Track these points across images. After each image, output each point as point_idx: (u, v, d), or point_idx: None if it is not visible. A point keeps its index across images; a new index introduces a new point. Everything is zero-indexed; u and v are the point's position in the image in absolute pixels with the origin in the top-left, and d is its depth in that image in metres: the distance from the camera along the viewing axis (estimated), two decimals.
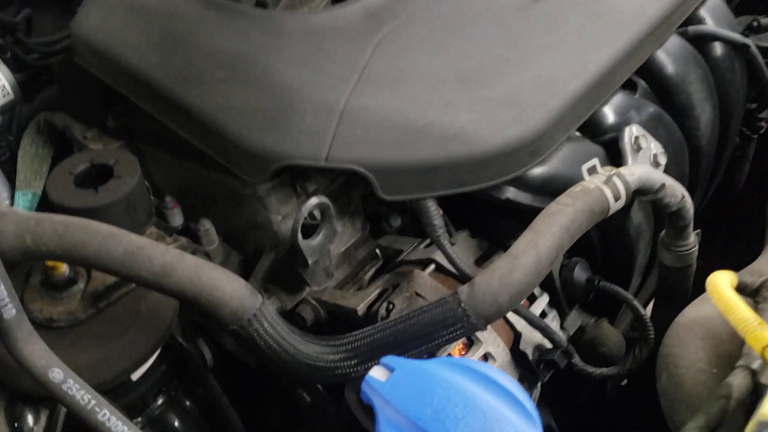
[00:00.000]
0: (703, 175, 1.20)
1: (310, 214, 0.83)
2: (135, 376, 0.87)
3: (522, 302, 0.86)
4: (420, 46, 0.90)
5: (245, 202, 0.91)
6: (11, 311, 0.70)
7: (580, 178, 0.94)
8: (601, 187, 0.86)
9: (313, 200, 0.82)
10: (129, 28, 0.92)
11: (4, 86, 1.20)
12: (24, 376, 0.69)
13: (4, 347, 0.69)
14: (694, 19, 1.18)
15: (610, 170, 0.89)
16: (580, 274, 1.01)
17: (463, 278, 0.90)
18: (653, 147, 1.02)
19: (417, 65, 0.88)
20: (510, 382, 0.62)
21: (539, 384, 0.99)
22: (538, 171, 0.94)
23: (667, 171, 1.05)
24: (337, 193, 0.94)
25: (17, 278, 0.86)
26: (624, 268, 1.07)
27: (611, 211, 0.87)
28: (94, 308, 0.85)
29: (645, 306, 1.22)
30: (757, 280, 0.77)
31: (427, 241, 1.05)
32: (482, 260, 1.02)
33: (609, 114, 1.03)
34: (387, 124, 0.83)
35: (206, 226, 0.96)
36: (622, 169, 0.90)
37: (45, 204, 0.99)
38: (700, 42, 1.18)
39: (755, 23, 1.27)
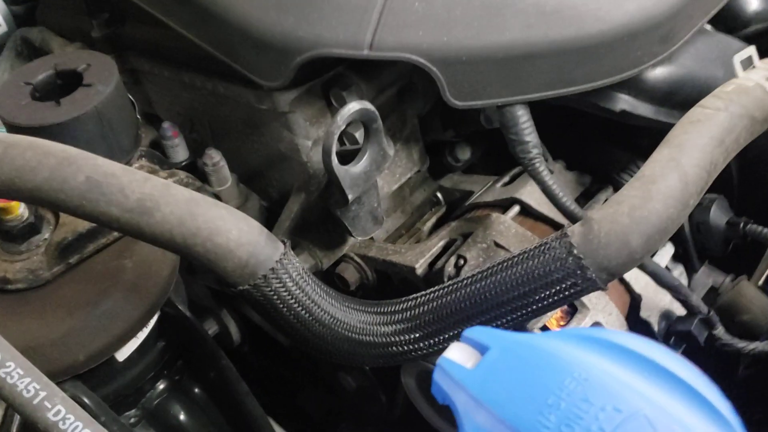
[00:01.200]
0: None
1: (346, 133, 0.59)
2: (121, 355, 0.65)
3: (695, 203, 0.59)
4: None
5: (264, 123, 0.67)
6: None
7: (721, 81, 0.68)
8: (762, 84, 0.60)
9: (354, 105, 0.57)
10: None
11: None
12: None
13: None
14: None
15: None
16: (718, 216, 0.75)
17: (567, 219, 0.65)
18: None
19: None
20: (689, 370, 0.36)
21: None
22: (662, 72, 0.68)
23: None
24: (387, 108, 0.69)
25: None
26: None
27: None
28: (63, 264, 0.63)
29: None
30: None
31: (506, 178, 0.80)
32: (583, 199, 0.76)
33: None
34: None
35: (215, 158, 0.72)
36: None
37: None
38: None
39: None
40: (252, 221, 0.54)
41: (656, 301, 0.70)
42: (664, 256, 0.75)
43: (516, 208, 0.73)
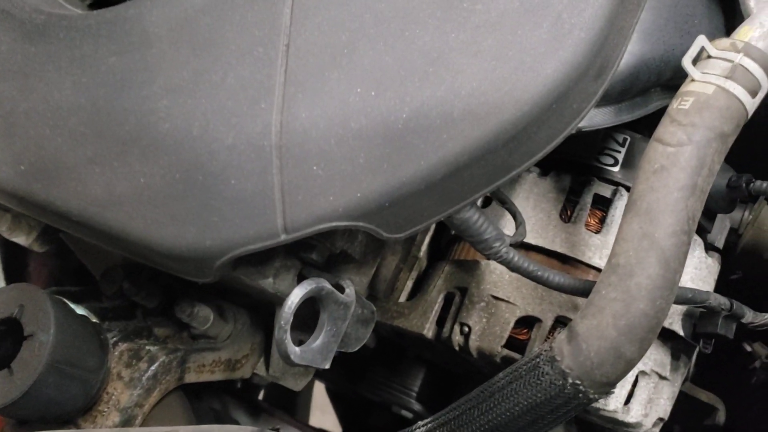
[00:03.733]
0: None
1: (303, 305, 0.55)
2: None
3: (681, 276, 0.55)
4: None
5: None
6: None
7: (680, 49, 0.59)
8: (724, 86, 0.53)
9: (293, 299, 0.53)
10: None
11: None
12: None
13: None
14: None
15: (731, 47, 0.54)
16: (718, 177, 0.67)
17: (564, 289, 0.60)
18: None
19: (369, 3, 0.53)
20: None
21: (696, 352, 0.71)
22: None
23: None
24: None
25: None
26: None
27: (751, 114, 0.54)
28: None
29: None
30: None
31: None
32: (570, 205, 0.71)
33: None
34: (352, 138, 0.50)
35: (187, 309, 0.69)
36: (746, 33, 0.55)
37: None
38: None
39: None
40: None
41: (675, 305, 0.66)
42: None
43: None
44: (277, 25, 0.54)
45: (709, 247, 0.72)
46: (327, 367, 0.58)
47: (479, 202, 0.70)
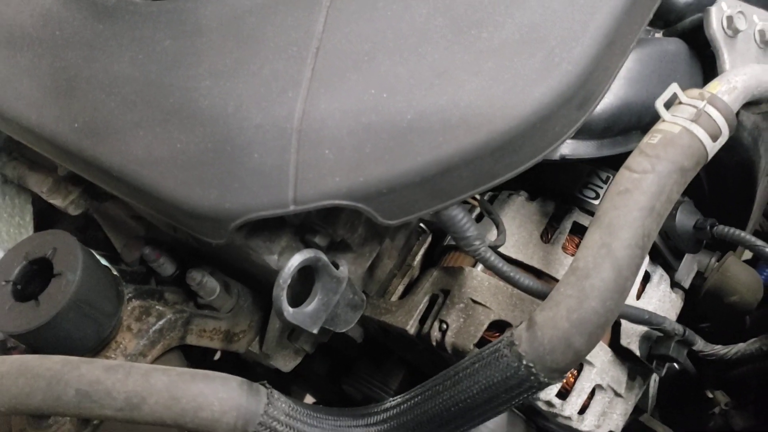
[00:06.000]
0: None
1: (300, 272, 0.62)
2: None
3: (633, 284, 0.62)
4: None
5: (228, 249, 0.71)
6: None
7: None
8: (689, 128, 0.61)
9: (294, 261, 0.60)
10: (16, 72, 0.69)
11: None
12: None
13: None
14: None
15: (698, 96, 0.62)
16: (685, 219, 0.75)
17: (524, 292, 0.67)
18: (756, 20, 0.72)
19: (390, 23, 0.62)
20: None
21: (655, 377, 0.78)
22: (597, 109, 0.67)
23: None
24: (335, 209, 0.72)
25: None
26: (742, 188, 0.80)
27: (711, 155, 0.62)
28: (89, 427, 0.70)
29: None
30: None
31: (479, 209, 0.83)
32: (551, 229, 0.78)
33: None
34: (362, 131, 0.59)
35: (197, 278, 0.77)
36: (716, 87, 0.63)
37: None
38: None
39: None
40: (231, 383, 0.60)
41: (635, 327, 0.73)
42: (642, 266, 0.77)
43: None
44: (311, 31, 0.63)
45: (675, 284, 0.79)
46: (314, 331, 0.65)
47: (474, 213, 0.78)
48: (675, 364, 0.90)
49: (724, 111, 0.61)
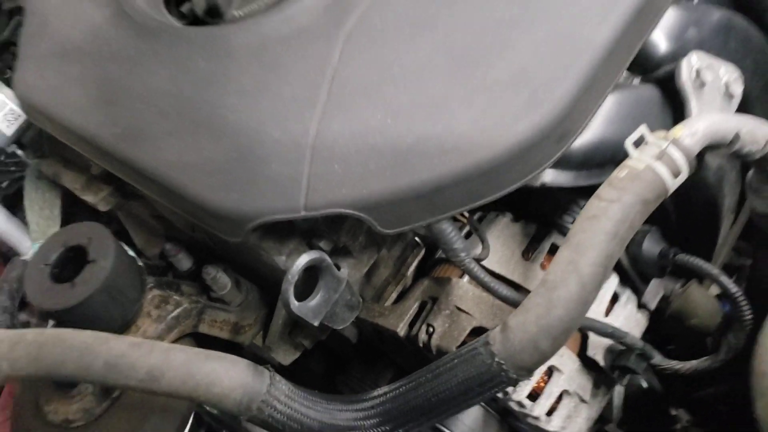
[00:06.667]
0: None
1: (306, 271, 0.71)
2: None
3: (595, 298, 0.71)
4: (399, 29, 0.72)
5: (242, 248, 0.79)
6: None
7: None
8: (652, 165, 0.69)
9: (302, 260, 0.69)
10: (66, 81, 0.79)
11: (12, 109, 1.12)
12: None
13: None
14: None
15: (663, 138, 0.70)
16: (651, 247, 0.84)
17: (501, 301, 0.76)
18: (723, 74, 0.80)
19: (397, 58, 0.71)
20: None
21: (620, 389, 0.86)
22: (577, 143, 0.76)
23: (748, 89, 0.84)
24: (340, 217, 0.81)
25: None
26: (707, 223, 0.89)
27: (671, 191, 0.70)
28: (108, 400, 0.79)
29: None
30: None
31: (468, 227, 0.91)
32: (532, 248, 0.87)
33: (661, 41, 0.82)
34: (369, 149, 0.67)
35: (211, 273, 0.86)
36: (680, 131, 0.71)
37: None
38: None
39: None
40: (240, 364, 0.68)
41: (600, 340, 0.81)
42: (611, 285, 0.85)
43: None
44: (328, 61, 0.72)
45: (641, 306, 0.87)
46: (315, 324, 0.73)
47: (464, 230, 0.86)
48: (643, 382, 0.99)
49: (685, 152, 0.70)
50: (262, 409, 0.68)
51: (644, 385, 0.99)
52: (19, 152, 1.16)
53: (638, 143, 0.71)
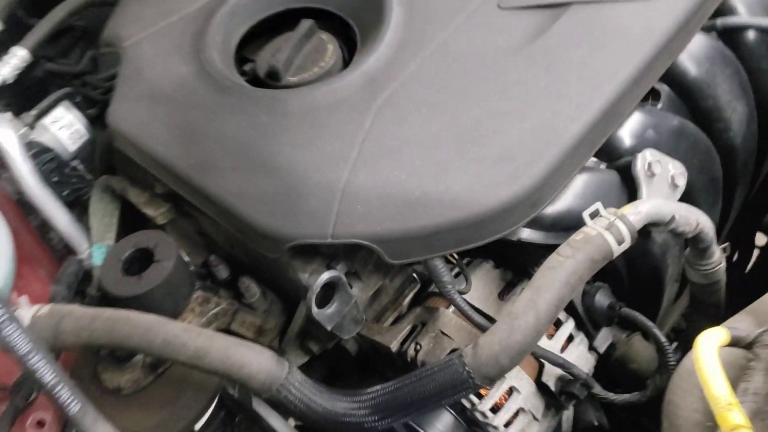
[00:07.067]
0: (742, 171, 1.17)
1: (325, 286, 0.91)
2: (196, 426, 1.00)
3: (547, 329, 0.91)
4: (418, 108, 0.94)
5: (274, 263, 0.99)
6: (75, 407, 0.82)
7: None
8: (602, 233, 0.88)
9: (324, 276, 0.89)
10: (153, 118, 1.00)
11: (79, 129, 1.32)
12: None
13: None
14: (725, 9, 1.13)
15: (613, 213, 0.90)
16: (602, 300, 1.03)
17: (480, 327, 0.95)
18: (670, 168, 1.01)
19: (415, 130, 0.92)
20: None
21: (569, 415, 1.04)
22: (549, 210, 0.97)
23: (692, 185, 1.05)
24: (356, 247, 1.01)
25: (89, 351, 1.00)
26: (653, 286, 1.08)
27: (615, 255, 0.90)
28: (154, 375, 0.98)
29: None
30: (752, 333, 0.78)
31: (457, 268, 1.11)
32: (506, 291, 1.06)
33: (625, 137, 1.03)
34: (386, 197, 0.88)
35: (246, 283, 1.05)
36: (627, 209, 0.91)
37: None
38: (731, 34, 1.13)
39: None
40: (267, 353, 0.87)
41: (554, 369, 1.00)
42: (567, 327, 1.05)
43: None
44: (361, 127, 0.93)
45: (592, 348, 1.06)
46: (329, 328, 0.93)
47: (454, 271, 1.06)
48: (594, 421, 1.17)
49: (629, 226, 0.90)
50: (280, 391, 0.86)
51: (595, 423, 1.17)
52: (80, 166, 1.37)
53: (593, 215, 0.92)
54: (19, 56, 1.32)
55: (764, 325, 0.79)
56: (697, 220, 0.95)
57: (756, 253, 1.56)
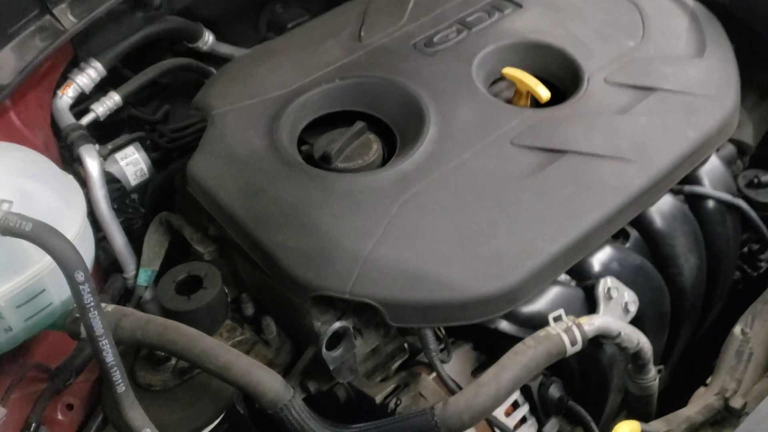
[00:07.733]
0: (689, 312, 1.41)
1: (335, 333, 1.13)
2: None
3: (505, 409, 1.14)
4: (435, 206, 1.19)
5: (296, 308, 1.22)
6: (122, 387, 1.03)
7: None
8: (561, 334, 1.11)
9: (335, 325, 1.12)
10: (227, 175, 1.25)
11: (142, 168, 1.57)
12: None
13: (117, 411, 1.03)
14: (692, 178, 1.40)
15: (572, 320, 1.13)
16: (554, 392, 1.25)
17: (451, 392, 1.17)
18: (626, 296, 1.25)
19: (429, 223, 1.17)
20: None
21: None
22: (526, 309, 1.20)
23: (642, 313, 1.28)
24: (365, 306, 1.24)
25: (130, 351, 1.21)
26: (599, 390, 1.30)
27: (569, 353, 1.12)
28: (180, 379, 1.19)
29: None
30: (661, 429, 0.99)
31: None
32: (478, 371, 1.28)
33: (595, 263, 1.27)
34: (397, 270, 1.12)
35: (267, 321, 1.28)
36: (583, 319, 1.14)
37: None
38: (694, 199, 1.39)
39: (756, 180, 1.46)
40: (278, 377, 1.08)
41: None
42: (523, 410, 1.25)
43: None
44: (388, 212, 1.18)
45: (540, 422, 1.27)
46: (331, 368, 1.14)
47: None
48: None
49: (582, 333, 1.12)
50: (282, 410, 1.07)
51: None
52: (137, 200, 1.61)
53: (557, 319, 1.15)
54: (114, 100, 1.59)
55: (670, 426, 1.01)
56: (638, 339, 1.18)
57: None
